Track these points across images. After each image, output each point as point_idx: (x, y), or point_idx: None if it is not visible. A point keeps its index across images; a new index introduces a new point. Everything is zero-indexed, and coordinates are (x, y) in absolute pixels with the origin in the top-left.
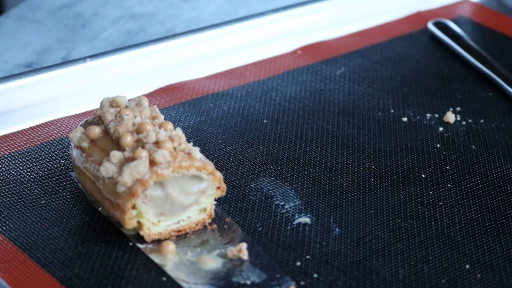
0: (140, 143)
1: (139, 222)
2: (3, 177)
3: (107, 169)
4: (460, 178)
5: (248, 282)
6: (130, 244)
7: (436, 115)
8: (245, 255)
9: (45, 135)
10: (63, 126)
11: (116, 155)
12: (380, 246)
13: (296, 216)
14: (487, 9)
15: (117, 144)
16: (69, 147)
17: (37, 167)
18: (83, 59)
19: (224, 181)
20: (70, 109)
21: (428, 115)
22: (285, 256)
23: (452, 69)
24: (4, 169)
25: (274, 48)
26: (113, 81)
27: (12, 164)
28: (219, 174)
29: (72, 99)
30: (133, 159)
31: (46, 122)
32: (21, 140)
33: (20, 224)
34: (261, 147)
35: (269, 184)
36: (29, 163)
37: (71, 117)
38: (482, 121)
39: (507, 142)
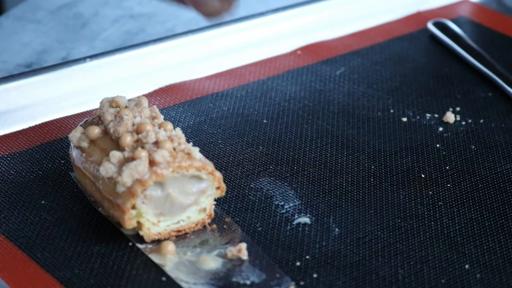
0: (139, 143)
1: (138, 222)
2: (3, 177)
3: (107, 169)
4: (459, 178)
5: (248, 282)
6: (130, 244)
7: (436, 115)
8: (244, 255)
9: (45, 135)
10: (63, 126)
11: (115, 155)
12: (380, 246)
13: (296, 216)
14: (487, 9)
15: (117, 144)
16: (69, 147)
17: (37, 167)
18: (83, 59)
19: (224, 181)
20: (70, 109)
21: (428, 115)
22: (285, 256)
23: (452, 69)
24: (4, 169)
25: (274, 48)
26: (113, 81)
27: (12, 164)
28: (218, 174)
29: (72, 99)
30: (132, 159)
31: (46, 122)
32: (21, 140)
33: (20, 224)
34: (261, 147)
35: (268, 184)
36: (29, 163)
37: (71, 117)
38: (481, 121)
39: (506, 142)
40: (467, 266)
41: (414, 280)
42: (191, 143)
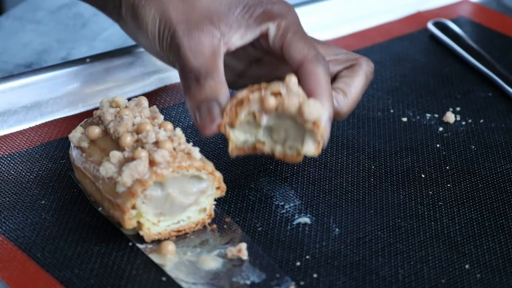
0: (139, 143)
1: (138, 222)
2: (3, 177)
3: (107, 169)
4: (459, 178)
5: (248, 282)
6: (130, 244)
7: (436, 115)
8: (244, 255)
9: (45, 135)
10: (63, 126)
11: (115, 155)
12: (380, 246)
13: (296, 216)
14: (487, 9)
15: (117, 144)
16: (69, 147)
17: (37, 167)
18: (83, 59)
19: (224, 181)
20: (70, 109)
21: (428, 115)
22: (285, 256)
23: (452, 69)
24: (4, 169)
25: None
26: (113, 81)
27: (12, 164)
28: (218, 174)
29: (72, 99)
30: (132, 159)
31: (46, 122)
32: (21, 140)
33: (20, 224)
34: None
35: (268, 184)
36: (29, 163)
37: (71, 117)
38: (481, 121)
39: (506, 142)
40: (467, 266)
41: (414, 280)
42: (191, 143)
